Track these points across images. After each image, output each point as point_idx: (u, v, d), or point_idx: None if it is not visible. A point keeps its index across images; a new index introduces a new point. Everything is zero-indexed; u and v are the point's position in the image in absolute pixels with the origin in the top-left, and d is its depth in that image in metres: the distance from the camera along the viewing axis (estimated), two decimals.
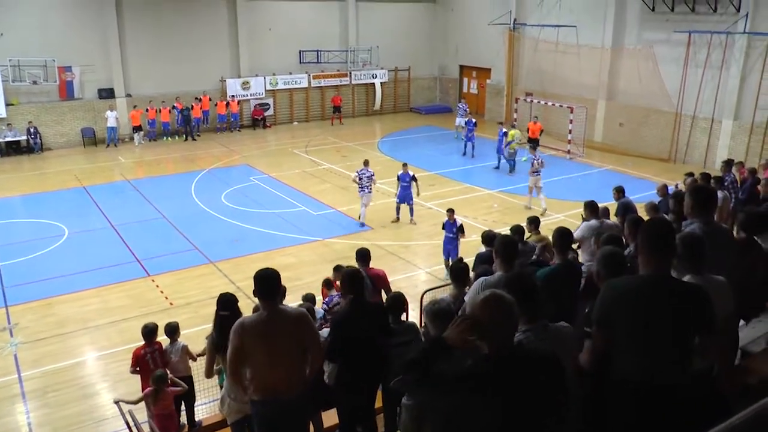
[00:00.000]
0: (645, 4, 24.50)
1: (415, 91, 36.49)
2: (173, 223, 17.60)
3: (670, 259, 3.70)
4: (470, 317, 3.07)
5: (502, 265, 5.42)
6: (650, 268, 3.63)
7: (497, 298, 3.06)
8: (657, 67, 24.17)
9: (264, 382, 4.95)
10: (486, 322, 2.98)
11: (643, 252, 3.68)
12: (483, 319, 2.99)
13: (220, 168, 23.83)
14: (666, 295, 3.54)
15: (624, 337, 3.68)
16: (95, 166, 24.21)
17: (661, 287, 3.57)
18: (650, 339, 3.56)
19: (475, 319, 3.02)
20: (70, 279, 14.10)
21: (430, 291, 10.39)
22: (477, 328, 3.00)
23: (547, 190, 18.48)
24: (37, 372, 10.64)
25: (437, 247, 15.25)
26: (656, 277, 3.60)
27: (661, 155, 24.53)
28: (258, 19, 30.71)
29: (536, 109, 27.40)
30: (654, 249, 3.62)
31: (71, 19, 26.47)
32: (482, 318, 2.99)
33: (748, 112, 21.90)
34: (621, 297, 3.68)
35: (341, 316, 5.81)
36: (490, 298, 3.06)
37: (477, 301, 3.08)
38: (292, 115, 32.67)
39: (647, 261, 3.65)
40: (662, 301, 3.53)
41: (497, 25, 31.38)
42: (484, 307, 3.02)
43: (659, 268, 3.61)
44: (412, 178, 17.33)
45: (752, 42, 21.53)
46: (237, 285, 13.28)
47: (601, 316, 3.72)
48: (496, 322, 2.99)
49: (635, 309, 3.58)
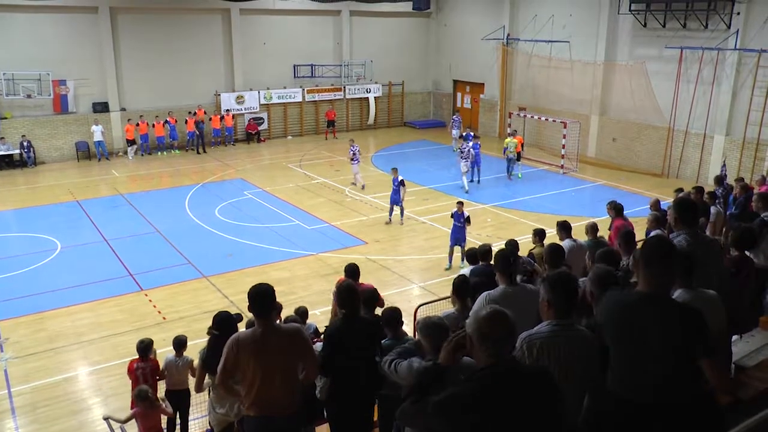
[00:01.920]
0: (637, 20, 24.73)
1: (408, 105, 36.63)
2: (167, 238, 17.54)
3: (670, 279, 3.69)
4: (459, 336, 3.20)
5: (502, 278, 5.52)
6: (649, 287, 3.61)
7: (501, 314, 3.16)
8: (649, 82, 24.35)
9: (258, 398, 4.92)
10: (489, 336, 3.09)
11: (641, 270, 3.66)
12: (487, 334, 3.10)
13: (214, 182, 23.81)
14: (664, 317, 3.52)
15: (616, 352, 3.69)
16: (89, 180, 24.16)
17: (658, 307, 3.55)
18: (641, 357, 3.55)
19: (466, 336, 3.14)
20: (62, 293, 14.02)
21: (424, 305, 10.36)
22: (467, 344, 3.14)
23: (541, 205, 18.52)
24: (27, 387, 10.53)
25: (431, 261, 15.26)
26: (654, 297, 3.57)
27: (654, 170, 24.65)
28: (252, 34, 30.84)
29: (530, 124, 27.52)
30: (653, 269, 3.60)
31: (66, 33, 26.54)
32: (486, 332, 3.10)
33: (740, 127, 22.05)
34: (618, 311, 3.68)
35: (335, 330, 5.78)
36: (494, 314, 3.16)
37: (481, 317, 3.17)
38: (286, 129, 32.72)
39: (646, 280, 3.63)
40: (659, 322, 3.51)
41: (490, 40, 31.62)
42: (489, 322, 3.12)
43: (658, 286, 3.59)
44: (400, 183, 18.07)
45: (743, 58, 21.72)
46: (230, 299, 13.23)
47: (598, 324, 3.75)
48: (499, 337, 3.09)
49: (631, 326, 3.58)
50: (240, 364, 4.86)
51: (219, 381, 5.05)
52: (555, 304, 3.85)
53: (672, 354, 3.51)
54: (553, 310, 3.85)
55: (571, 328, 3.86)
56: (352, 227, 18.34)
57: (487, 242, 9.86)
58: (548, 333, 3.80)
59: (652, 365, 3.54)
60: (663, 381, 3.54)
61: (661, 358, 3.51)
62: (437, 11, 35.72)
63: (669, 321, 3.50)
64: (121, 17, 27.57)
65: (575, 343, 3.80)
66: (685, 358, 3.54)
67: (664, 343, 3.49)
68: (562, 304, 3.85)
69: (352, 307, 5.75)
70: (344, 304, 5.77)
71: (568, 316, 3.88)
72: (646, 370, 3.55)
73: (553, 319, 3.85)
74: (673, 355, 3.51)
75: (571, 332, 3.84)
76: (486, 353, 3.10)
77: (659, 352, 3.50)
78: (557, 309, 3.85)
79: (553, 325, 3.83)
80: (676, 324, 3.49)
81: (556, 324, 3.83)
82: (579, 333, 3.89)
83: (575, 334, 3.86)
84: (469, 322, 3.25)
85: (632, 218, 13.36)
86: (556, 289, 3.84)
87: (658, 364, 3.52)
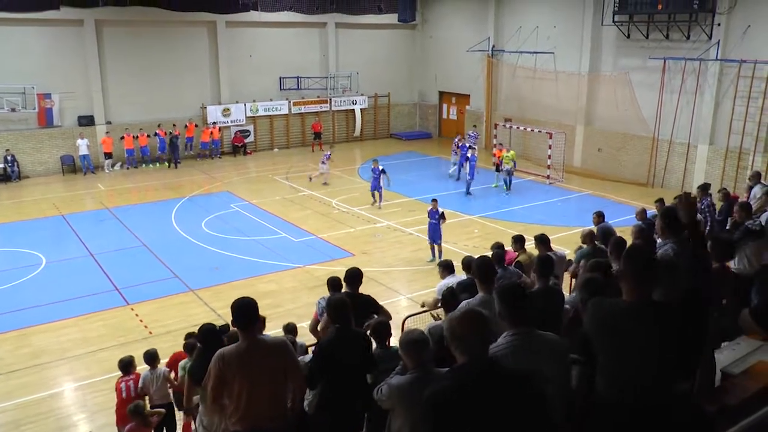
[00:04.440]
0: (620, 31, 24.98)
1: (394, 117, 36.73)
2: (153, 251, 17.44)
3: (652, 286, 3.76)
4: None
5: (481, 286, 5.51)
6: (633, 296, 3.69)
7: (474, 313, 3.24)
8: (633, 93, 24.57)
9: (245, 413, 4.89)
10: (461, 335, 3.14)
11: (625, 279, 3.74)
12: (459, 333, 3.14)
13: (200, 195, 23.73)
14: (649, 320, 3.59)
15: (605, 359, 3.73)
16: (74, 194, 24.00)
17: (643, 313, 3.62)
18: (632, 362, 3.61)
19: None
20: (47, 308, 13.88)
21: (412, 317, 10.34)
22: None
23: (528, 216, 18.60)
24: (11, 404, 10.40)
25: (418, 272, 15.26)
26: (638, 304, 3.65)
27: (639, 180, 24.83)
28: (238, 46, 30.86)
29: (515, 134, 27.67)
30: (636, 277, 3.68)
31: (51, 46, 26.45)
32: (458, 332, 3.15)
33: (723, 137, 22.29)
34: (604, 320, 3.75)
35: (326, 343, 5.77)
36: (467, 313, 3.24)
37: (455, 316, 3.26)
38: (273, 141, 32.71)
39: (630, 289, 3.70)
40: (645, 326, 3.58)
41: (476, 52, 31.83)
42: (462, 320, 3.19)
43: (641, 294, 3.67)
44: (382, 171, 20.88)
45: (724, 69, 21.99)
46: (217, 313, 13.15)
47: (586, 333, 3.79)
48: (472, 335, 3.13)
49: (619, 333, 3.64)
50: (227, 380, 4.84)
51: (211, 400, 5.01)
52: (506, 315, 3.92)
53: (658, 356, 3.59)
54: (507, 322, 3.93)
55: (531, 334, 3.92)
56: (339, 239, 18.32)
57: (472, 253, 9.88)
58: (505, 345, 3.86)
59: (640, 368, 3.61)
60: (652, 383, 3.61)
61: (649, 361, 3.58)
62: (422, 23, 35.92)
63: (656, 323, 3.58)
64: (106, 30, 27.51)
65: (536, 347, 3.87)
66: (670, 357, 3.62)
67: (650, 345, 3.56)
68: (514, 315, 3.90)
69: (343, 323, 5.73)
70: (336, 318, 5.76)
71: (523, 324, 3.93)
72: (634, 373, 3.61)
73: (510, 329, 3.92)
74: (659, 357, 3.59)
75: (530, 338, 3.90)
76: (458, 352, 3.15)
77: (646, 355, 3.58)
78: (510, 320, 3.92)
79: (510, 335, 3.90)
80: (663, 324, 3.58)
81: (513, 334, 3.89)
82: (541, 337, 3.97)
83: (536, 339, 3.93)
84: (444, 324, 3.30)
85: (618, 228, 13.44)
86: (504, 301, 3.92)
87: (646, 366, 3.59)
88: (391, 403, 4.47)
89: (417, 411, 3.43)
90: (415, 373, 4.32)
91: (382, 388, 4.56)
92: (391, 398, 4.44)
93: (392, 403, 4.45)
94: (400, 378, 4.45)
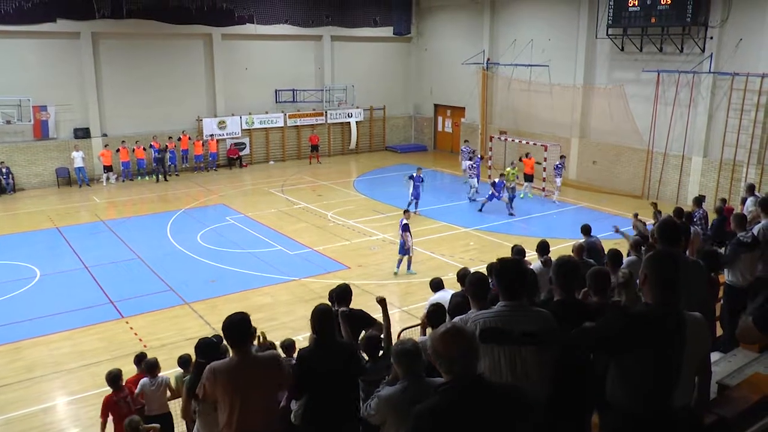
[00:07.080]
0: (614, 44, 25.14)
1: (390, 130, 36.81)
2: (148, 264, 17.38)
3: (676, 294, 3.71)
4: None
5: (473, 302, 5.42)
6: (656, 300, 3.66)
7: (456, 330, 3.14)
8: (627, 105, 24.70)
9: (237, 427, 4.89)
10: (445, 354, 3.06)
11: (648, 285, 3.70)
12: (441, 352, 3.07)
13: (196, 208, 23.69)
14: (673, 329, 3.58)
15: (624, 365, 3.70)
16: (69, 207, 23.94)
17: (668, 321, 3.59)
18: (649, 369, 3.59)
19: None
20: (40, 321, 13.79)
21: (407, 330, 10.32)
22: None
23: (524, 228, 18.60)
24: (2, 419, 10.29)
25: (412, 285, 15.26)
26: (664, 311, 3.62)
27: (634, 192, 24.90)
28: (234, 59, 30.93)
29: (510, 147, 27.72)
30: (659, 284, 3.65)
31: (47, 59, 26.48)
32: (440, 351, 3.07)
33: (717, 149, 22.39)
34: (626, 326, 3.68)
35: (306, 354, 5.73)
36: (449, 330, 3.13)
37: (436, 334, 3.16)
38: (268, 154, 32.73)
39: (653, 295, 3.67)
40: (669, 335, 3.57)
41: (471, 65, 31.97)
42: (443, 339, 3.10)
43: (665, 301, 3.64)
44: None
45: (717, 81, 22.13)
46: (212, 326, 13.08)
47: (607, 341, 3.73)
48: (455, 354, 3.06)
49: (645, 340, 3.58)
50: (217, 394, 4.86)
51: (184, 403, 5.06)
52: (500, 286, 4.15)
53: (679, 364, 3.59)
54: (500, 292, 4.15)
55: (521, 308, 4.08)
56: (334, 252, 18.30)
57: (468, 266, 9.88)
58: (496, 312, 4.07)
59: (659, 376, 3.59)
60: (670, 391, 3.60)
61: (669, 369, 3.58)
62: (418, 36, 36.10)
63: (679, 332, 3.57)
64: (102, 43, 27.57)
65: (526, 320, 3.98)
66: (690, 368, 3.64)
67: (674, 353, 3.56)
68: (507, 285, 4.11)
69: (324, 333, 5.68)
70: (316, 328, 5.70)
71: (517, 297, 4.08)
72: (654, 381, 3.60)
73: (503, 300, 4.11)
74: (680, 366, 3.59)
75: (521, 311, 4.05)
76: (442, 370, 3.11)
77: (669, 363, 3.57)
78: (503, 291, 4.12)
79: (501, 306, 4.08)
80: (684, 335, 3.57)
81: (505, 305, 4.07)
82: (531, 311, 4.11)
83: (527, 312, 4.08)
84: (428, 341, 3.25)
85: (613, 240, 13.50)
86: (501, 274, 4.15)
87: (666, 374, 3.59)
88: (381, 417, 4.43)
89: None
90: (406, 383, 4.29)
91: (371, 403, 4.53)
92: (380, 411, 4.40)
93: (382, 416, 4.41)
94: (389, 388, 4.42)
